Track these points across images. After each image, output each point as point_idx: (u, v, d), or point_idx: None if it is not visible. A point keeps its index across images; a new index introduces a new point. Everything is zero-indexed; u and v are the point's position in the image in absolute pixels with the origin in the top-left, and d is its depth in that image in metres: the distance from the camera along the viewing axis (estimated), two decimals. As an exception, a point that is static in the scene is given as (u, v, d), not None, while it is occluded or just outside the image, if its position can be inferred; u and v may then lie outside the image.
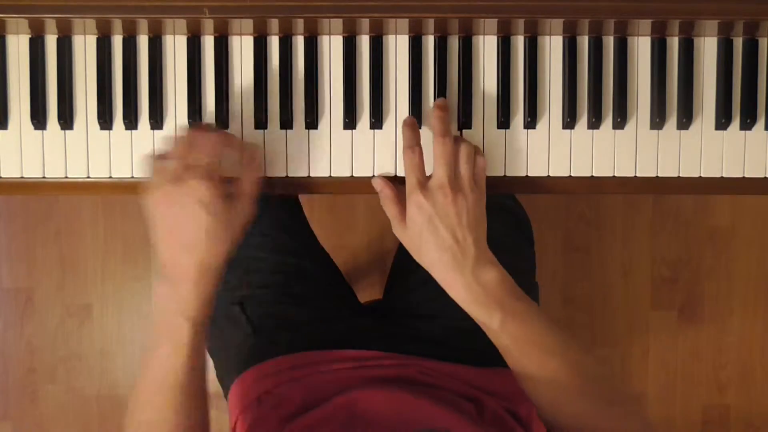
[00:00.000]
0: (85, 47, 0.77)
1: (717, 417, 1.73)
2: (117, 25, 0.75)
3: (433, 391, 0.82)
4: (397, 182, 0.77)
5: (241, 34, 0.77)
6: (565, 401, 0.71)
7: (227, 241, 0.69)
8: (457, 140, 0.73)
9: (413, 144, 0.73)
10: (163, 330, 0.70)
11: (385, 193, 0.76)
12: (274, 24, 0.75)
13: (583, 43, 0.78)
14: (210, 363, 0.87)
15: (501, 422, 0.84)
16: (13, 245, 1.66)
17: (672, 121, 0.79)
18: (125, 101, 0.77)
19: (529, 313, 0.72)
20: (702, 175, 0.79)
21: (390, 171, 0.78)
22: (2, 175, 0.78)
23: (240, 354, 0.93)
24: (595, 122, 0.78)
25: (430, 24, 0.75)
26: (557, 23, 0.75)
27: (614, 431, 0.70)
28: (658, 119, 0.78)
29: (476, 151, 0.74)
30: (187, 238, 0.67)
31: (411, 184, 0.72)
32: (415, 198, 0.72)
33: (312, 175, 0.78)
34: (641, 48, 0.79)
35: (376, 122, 0.78)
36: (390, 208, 0.75)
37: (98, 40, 0.77)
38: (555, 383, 0.71)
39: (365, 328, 0.95)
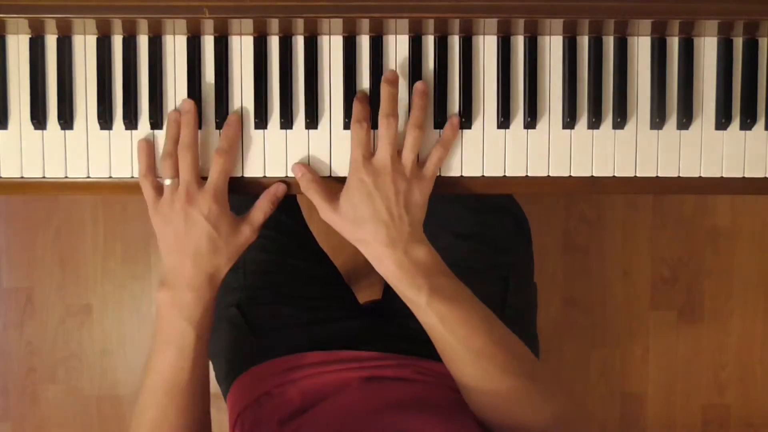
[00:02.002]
0: (85, 47, 0.77)
1: (717, 417, 1.73)
2: (117, 25, 0.75)
3: (438, 403, 0.82)
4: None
5: (241, 34, 0.77)
6: (489, 379, 0.72)
7: (225, 256, 0.75)
8: (409, 127, 0.74)
9: (361, 118, 0.75)
10: (167, 334, 0.75)
11: (307, 177, 0.76)
12: (274, 24, 0.75)
13: (583, 43, 0.78)
14: (210, 364, 0.87)
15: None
16: (13, 245, 1.66)
17: (672, 121, 0.79)
18: (125, 101, 0.77)
19: (456, 290, 0.74)
20: (702, 175, 0.79)
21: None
22: (2, 175, 0.78)
23: (239, 355, 0.93)
24: (595, 122, 0.78)
25: (430, 24, 0.75)
26: (557, 23, 0.75)
27: (537, 409, 0.72)
28: (658, 119, 0.78)
29: (441, 145, 0.75)
30: (193, 247, 0.73)
31: (356, 159, 0.74)
32: (358, 174, 0.73)
33: (312, 175, 0.78)
34: (641, 48, 0.79)
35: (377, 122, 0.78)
36: (316, 193, 0.75)
37: (98, 40, 0.77)
38: (480, 360, 0.72)
39: (364, 328, 0.95)
